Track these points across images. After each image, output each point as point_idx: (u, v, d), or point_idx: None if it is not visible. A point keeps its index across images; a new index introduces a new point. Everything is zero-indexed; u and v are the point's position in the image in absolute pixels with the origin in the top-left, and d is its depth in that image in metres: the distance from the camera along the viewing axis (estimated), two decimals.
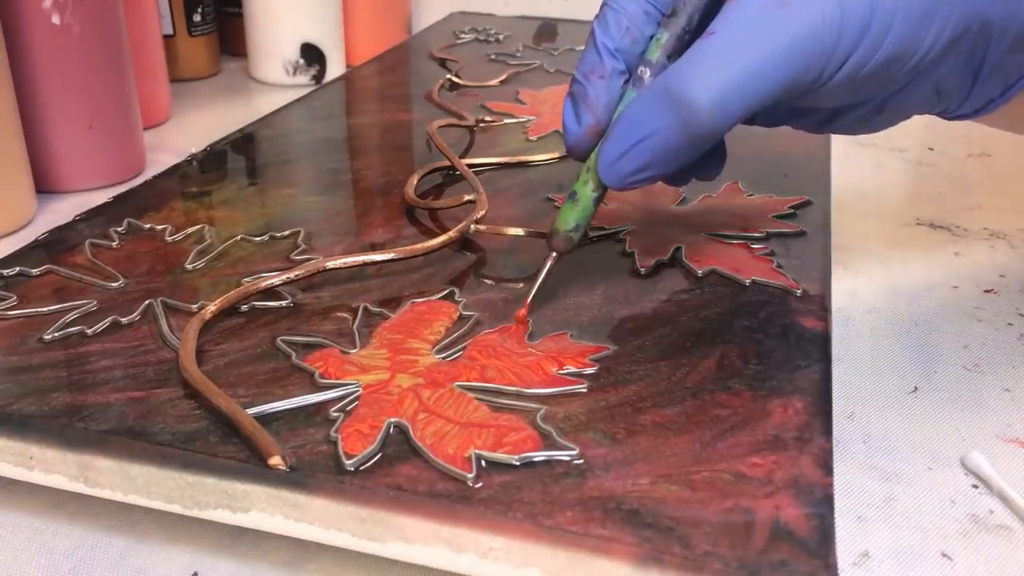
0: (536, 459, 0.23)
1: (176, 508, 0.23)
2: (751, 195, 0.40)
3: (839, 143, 0.51)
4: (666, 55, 0.27)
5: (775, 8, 0.24)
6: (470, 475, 0.23)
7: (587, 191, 0.29)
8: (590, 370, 0.27)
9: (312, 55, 0.65)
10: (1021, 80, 0.28)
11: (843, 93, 0.26)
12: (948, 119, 0.30)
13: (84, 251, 0.35)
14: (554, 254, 0.30)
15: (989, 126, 0.32)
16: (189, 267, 0.34)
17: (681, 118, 0.25)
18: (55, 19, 0.43)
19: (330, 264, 0.33)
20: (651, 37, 0.28)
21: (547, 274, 0.30)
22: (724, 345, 0.29)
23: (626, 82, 0.28)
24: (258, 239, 0.36)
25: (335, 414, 0.25)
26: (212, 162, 0.45)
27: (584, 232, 0.30)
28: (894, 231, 0.43)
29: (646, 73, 0.28)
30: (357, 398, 0.26)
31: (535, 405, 0.26)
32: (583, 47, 0.29)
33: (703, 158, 0.29)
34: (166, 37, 0.63)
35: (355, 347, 0.29)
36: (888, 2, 0.24)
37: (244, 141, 0.48)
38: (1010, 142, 0.53)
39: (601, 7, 0.29)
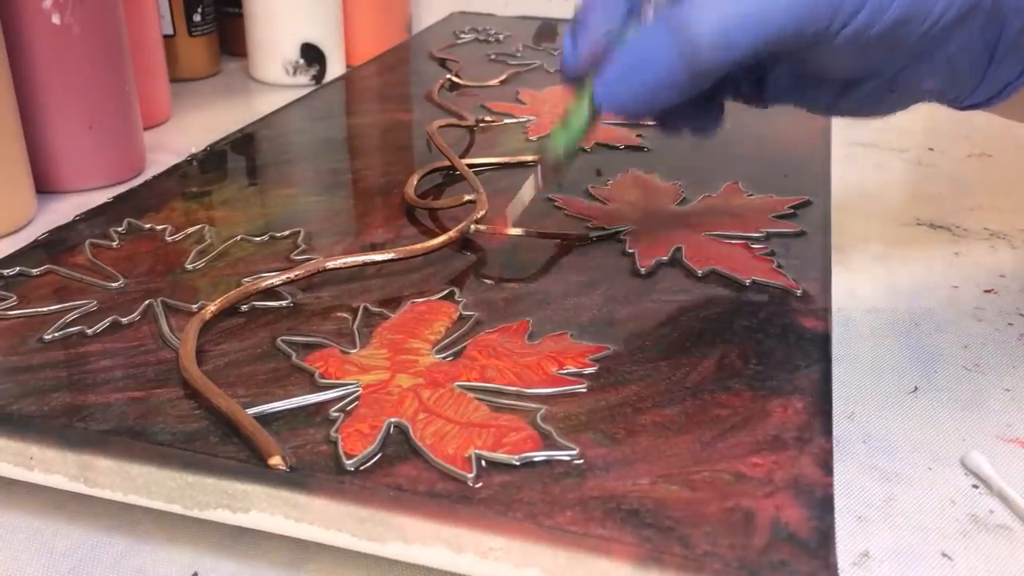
0: (536, 459, 0.23)
1: (176, 508, 0.23)
2: (751, 195, 0.40)
3: (839, 143, 0.51)
4: None
5: None
6: (470, 475, 0.23)
7: (580, 113, 0.29)
8: (590, 370, 0.27)
9: (312, 55, 0.65)
10: None
11: (851, 55, 0.26)
12: (962, 108, 0.30)
13: (84, 251, 0.35)
14: (538, 168, 0.30)
15: (1005, 117, 0.32)
16: (189, 267, 0.34)
17: (681, 50, 0.25)
18: (55, 19, 0.43)
19: (330, 264, 0.33)
20: None
21: (534, 188, 0.31)
22: (724, 345, 0.29)
23: (630, 14, 0.28)
24: (258, 239, 0.36)
25: (335, 414, 0.25)
26: (212, 162, 0.45)
27: (573, 154, 0.30)
28: (894, 231, 0.43)
29: (649, 7, 0.27)
30: (357, 398, 0.26)
31: (535, 405, 0.26)
32: None
33: (700, 108, 0.30)
34: (166, 37, 0.63)
35: (355, 347, 0.29)
36: None
37: (244, 141, 0.48)
38: (1011, 142, 0.53)
39: None
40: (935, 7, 0.25)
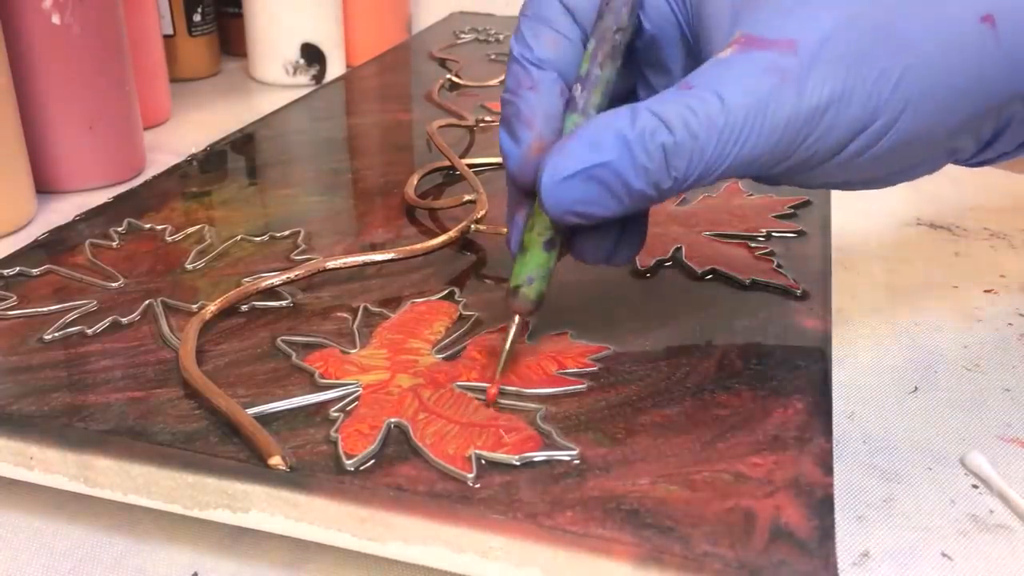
0: (536, 459, 0.23)
1: (176, 508, 0.23)
2: (751, 195, 0.40)
3: None
4: (598, 64, 0.24)
5: (771, 74, 0.21)
6: (470, 475, 0.23)
7: (534, 236, 0.25)
8: (590, 370, 0.27)
9: (312, 55, 0.65)
10: None
11: (839, 175, 0.24)
12: (974, 165, 0.27)
13: (84, 251, 0.35)
14: (516, 317, 0.26)
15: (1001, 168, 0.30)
16: (189, 267, 0.34)
17: (648, 161, 0.22)
18: (55, 19, 0.43)
19: (330, 264, 0.33)
20: (578, 40, 0.25)
21: (512, 342, 0.26)
22: (724, 345, 0.29)
23: (563, 101, 0.25)
24: (258, 239, 0.36)
25: (335, 414, 0.25)
26: (212, 162, 0.45)
27: (545, 284, 0.26)
28: (894, 231, 0.43)
29: (578, 90, 0.25)
30: (357, 398, 0.26)
31: (535, 405, 0.26)
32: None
33: (628, 225, 0.26)
34: (166, 37, 0.63)
35: (355, 347, 0.29)
36: (905, 88, 0.22)
37: (244, 141, 0.48)
38: None
39: (518, 19, 0.26)
40: (947, 122, 0.22)
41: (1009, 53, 0.22)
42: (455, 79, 0.59)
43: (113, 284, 0.33)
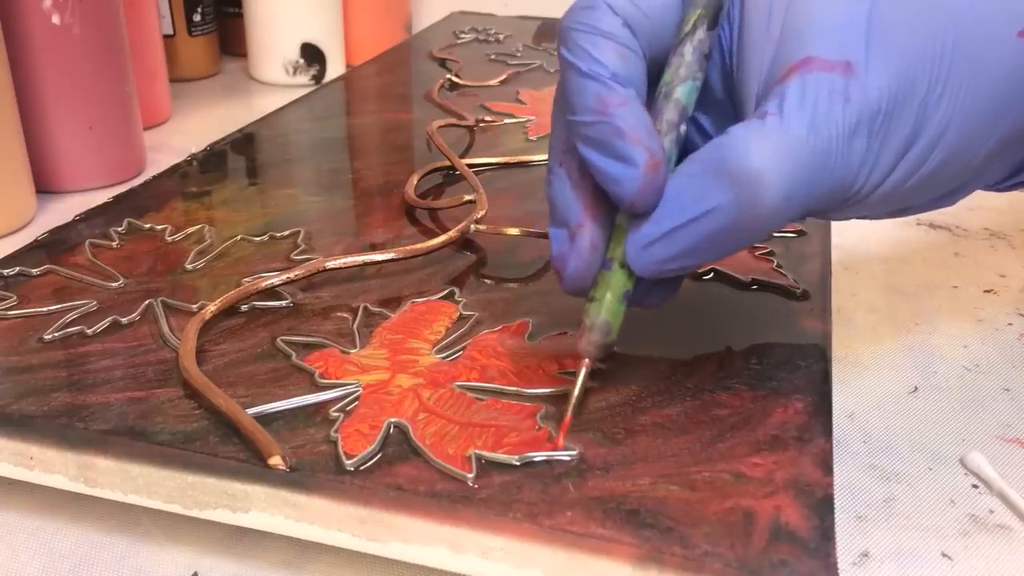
0: (536, 459, 0.23)
1: (176, 508, 0.23)
2: None
3: None
4: (695, 67, 0.23)
5: (840, 97, 0.21)
6: (470, 475, 0.23)
7: (614, 279, 0.24)
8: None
9: (312, 55, 0.65)
10: None
11: (888, 202, 0.23)
12: (1008, 189, 0.27)
13: (84, 251, 0.35)
14: (586, 361, 0.25)
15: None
16: (189, 267, 0.34)
17: (741, 195, 0.21)
18: (55, 19, 0.43)
19: (330, 264, 0.33)
20: (643, 55, 0.23)
21: (581, 388, 0.25)
22: (724, 345, 0.29)
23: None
24: (258, 239, 0.36)
25: (335, 414, 0.25)
26: (212, 162, 0.45)
27: (616, 330, 0.24)
28: (894, 231, 0.43)
29: (668, 107, 0.23)
30: (357, 398, 0.26)
31: (535, 405, 0.26)
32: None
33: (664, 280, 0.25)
34: (166, 37, 0.63)
35: (355, 347, 0.29)
36: (947, 105, 0.22)
37: (244, 141, 0.48)
38: None
39: (563, 34, 0.24)
40: (988, 140, 0.22)
41: None
42: (455, 79, 0.59)
43: (113, 284, 0.33)
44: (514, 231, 0.36)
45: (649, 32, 0.24)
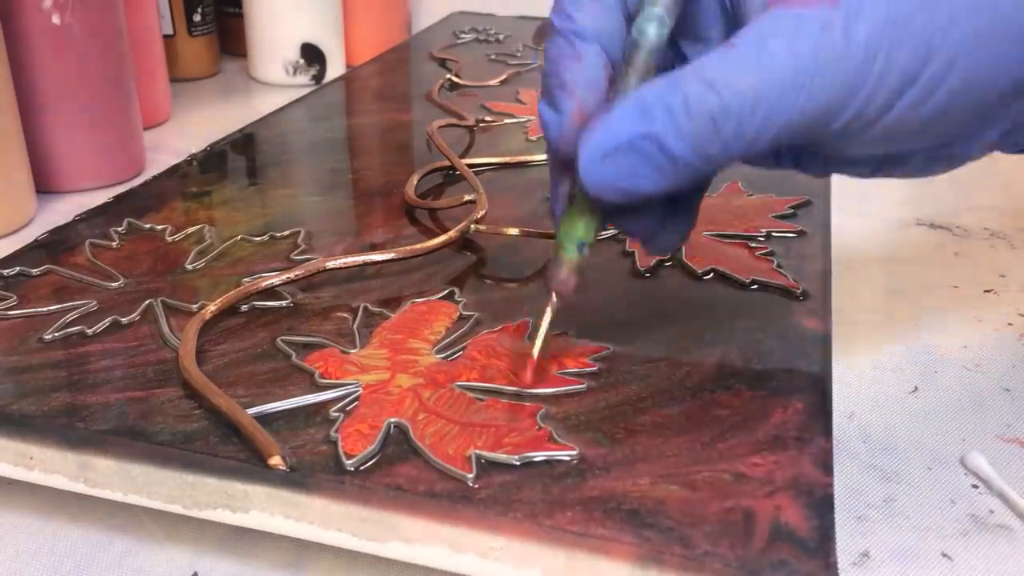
0: (536, 459, 0.23)
1: (176, 508, 0.23)
2: (751, 195, 0.40)
3: None
4: (643, 32, 0.23)
5: (813, 29, 0.20)
6: (470, 475, 0.23)
7: (574, 213, 0.25)
8: (590, 370, 0.27)
9: (312, 55, 0.65)
10: None
11: (896, 138, 0.22)
12: (1012, 152, 0.25)
13: (84, 251, 0.35)
14: (553, 295, 0.25)
15: None
16: (189, 267, 0.34)
17: (697, 125, 0.21)
18: (55, 19, 0.43)
19: (330, 264, 0.33)
20: (618, 9, 0.24)
21: (547, 326, 0.26)
22: (724, 345, 0.29)
23: (607, 73, 0.24)
24: (258, 239, 0.36)
25: (335, 414, 0.25)
26: (212, 162, 0.45)
27: (582, 253, 0.25)
28: (894, 231, 0.43)
29: (623, 65, 0.23)
30: (357, 398, 0.26)
31: (535, 405, 0.26)
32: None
33: (676, 207, 0.26)
34: (166, 37, 0.63)
35: (355, 347, 0.29)
36: (952, 35, 0.21)
37: (244, 141, 0.48)
38: None
39: None
40: (1002, 79, 0.21)
41: None
42: (455, 79, 0.59)
43: (113, 284, 0.33)
44: (514, 231, 0.36)
45: None
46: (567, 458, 0.23)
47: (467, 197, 0.39)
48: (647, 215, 0.25)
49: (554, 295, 0.25)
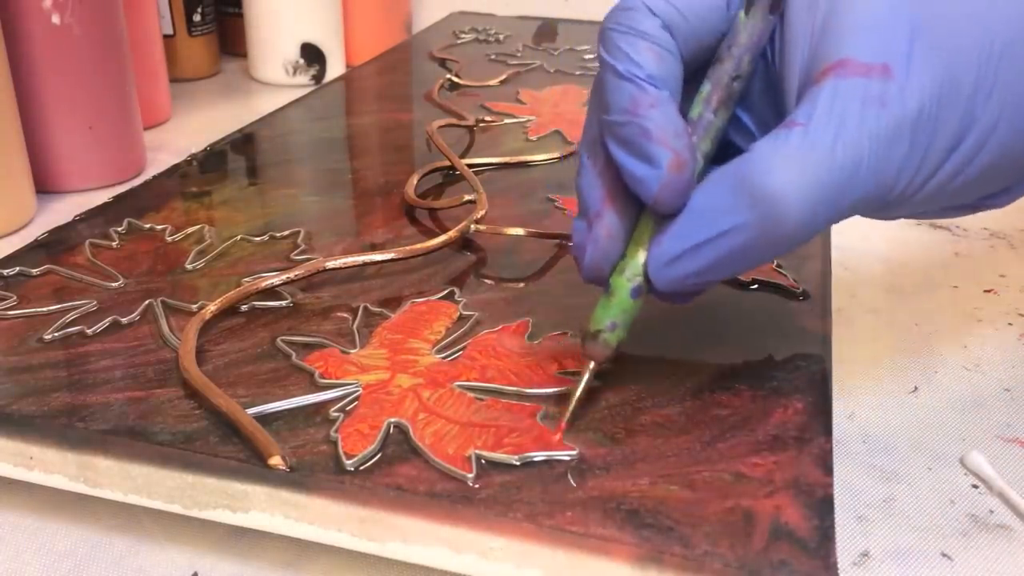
0: (536, 459, 0.23)
1: (176, 508, 0.23)
2: None
3: None
4: (711, 109, 0.23)
5: (875, 104, 0.21)
6: (470, 475, 0.23)
7: (623, 281, 0.24)
8: None
9: (312, 55, 0.65)
10: None
11: (933, 202, 0.23)
12: None
13: (84, 251, 0.35)
14: (591, 363, 0.25)
15: None
16: (189, 267, 0.34)
17: (762, 215, 0.21)
18: (55, 19, 0.43)
19: (330, 264, 0.33)
20: (679, 56, 0.24)
21: (584, 388, 0.25)
22: (724, 345, 0.29)
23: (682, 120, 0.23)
24: (258, 239, 0.36)
25: (335, 414, 0.25)
26: (212, 162, 0.45)
27: (627, 332, 0.24)
28: (894, 231, 0.43)
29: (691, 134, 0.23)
30: (357, 398, 0.26)
31: (535, 405, 0.26)
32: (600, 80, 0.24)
33: None
34: (166, 37, 0.63)
35: (355, 347, 0.29)
36: (994, 101, 0.21)
37: (244, 141, 0.48)
38: None
39: (603, 35, 0.24)
40: None
41: None
42: (455, 79, 0.59)
43: (113, 284, 0.33)
44: (514, 231, 0.36)
45: (687, 33, 0.24)
46: (567, 458, 0.23)
47: (467, 197, 0.39)
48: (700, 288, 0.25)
49: (592, 363, 0.25)
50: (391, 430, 0.25)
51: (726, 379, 0.27)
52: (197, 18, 0.65)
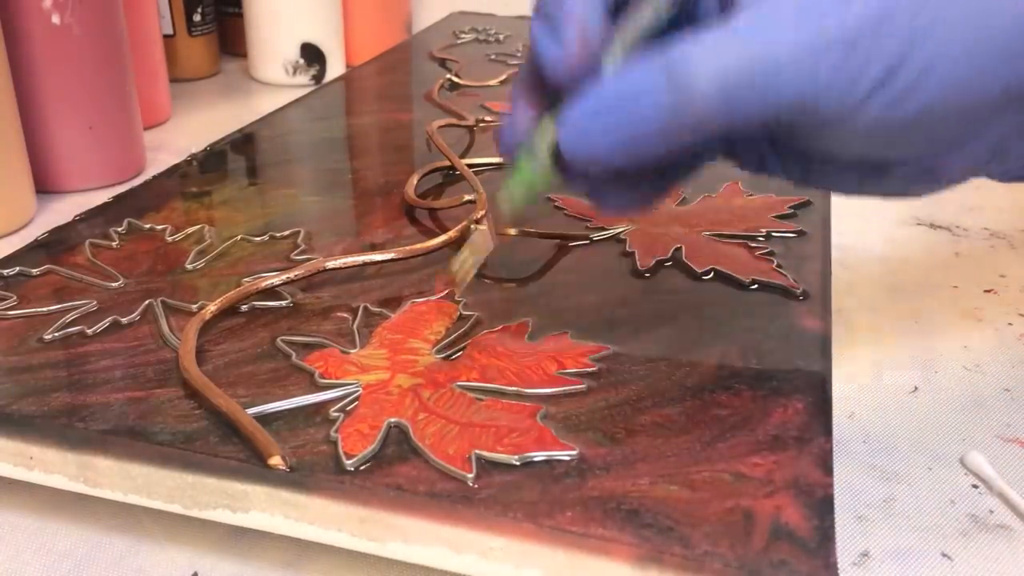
0: (536, 459, 0.23)
1: (176, 508, 0.23)
2: (751, 195, 0.40)
3: None
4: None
5: (813, 11, 0.20)
6: (470, 475, 0.23)
7: (532, 153, 0.23)
8: (590, 370, 0.27)
9: (312, 55, 0.65)
10: None
11: (877, 139, 0.22)
12: (1009, 182, 0.25)
13: (84, 251, 0.35)
14: (488, 219, 0.24)
15: None
16: (189, 267, 0.34)
17: (674, 94, 0.21)
18: (55, 19, 0.43)
19: (330, 264, 0.33)
20: None
21: (485, 245, 0.25)
22: (724, 345, 0.29)
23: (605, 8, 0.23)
24: (258, 239, 0.36)
25: (335, 414, 0.25)
26: (212, 162, 0.45)
27: (522, 203, 0.24)
28: (894, 231, 0.43)
29: (625, 17, 0.23)
30: (357, 398, 0.26)
31: (535, 405, 0.26)
32: None
33: (650, 180, 0.25)
34: (166, 37, 0.63)
35: (355, 347, 0.29)
36: (933, 37, 0.20)
37: (244, 141, 0.48)
38: None
39: None
40: (990, 87, 0.21)
41: None
42: (455, 79, 0.59)
43: (113, 284, 0.33)
44: (514, 231, 0.36)
45: None
46: (567, 458, 0.23)
47: (467, 197, 0.39)
48: (627, 184, 0.25)
49: (491, 231, 0.24)
50: (391, 430, 0.25)
51: (726, 379, 0.27)
52: (197, 18, 0.65)
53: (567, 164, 0.23)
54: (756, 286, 0.33)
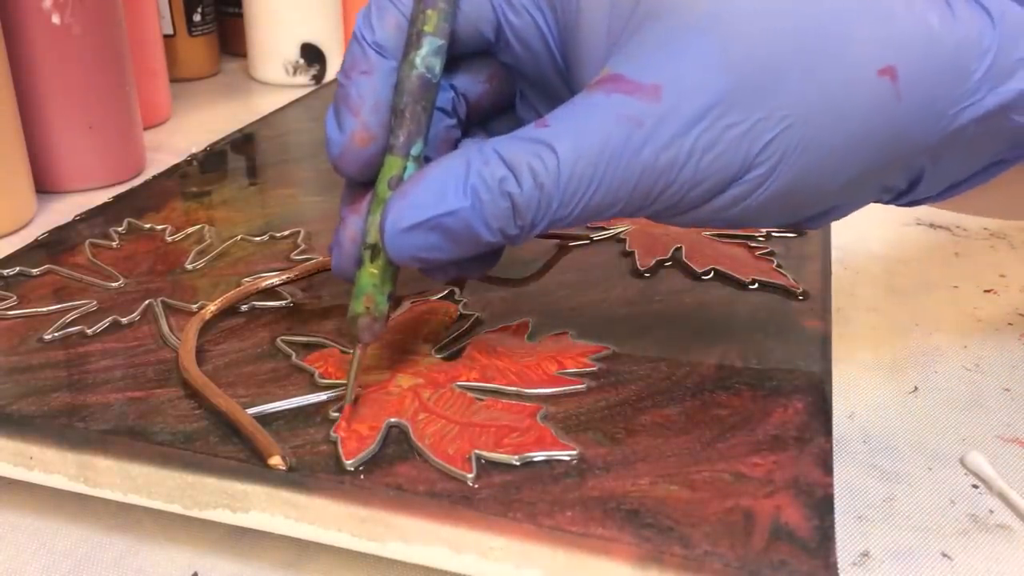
0: (536, 459, 0.23)
1: (176, 508, 0.23)
2: None
3: None
4: (413, 100, 0.23)
5: (626, 128, 0.20)
6: (470, 475, 0.23)
7: (366, 269, 0.24)
8: (590, 370, 0.27)
9: (312, 55, 0.65)
10: (997, 163, 0.24)
11: (719, 218, 0.22)
12: (902, 206, 0.25)
13: (84, 251, 0.35)
14: (359, 346, 0.25)
15: (966, 213, 0.28)
16: (189, 267, 0.34)
17: (472, 206, 0.21)
18: (55, 19, 0.43)
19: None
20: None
21: (356, 370, 0.25)
22: (724, 345, 0.29)
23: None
24: (258, 239, 0.36)
25: (335, 414, 0.25)
26: (212, 162, 0.45)
27: (389, 302, 0.25)
28: (894, 231, 0.43)
29: (395, 129, 0.23)
30: (357, 398, 0.26)
31: (535, 405, 0.26)
32: None
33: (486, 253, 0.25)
34: (166, 37, 0.63)
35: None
36: (781, 142, 0.21)
37: (244, 141, 0.48)
38: None
39: None
40: (836, 176, 0.21)
41: (911, 107, 0.21)
42: None
43: (113, 284, 0.33)
44: None
45: (459, 16, 0.23)
46: (567, 458, 0.23)
47: None
48: (448, 266, 0.25)
49: (360, 346, 0.25)
50: (391, 430, 0.25)
51: (726, 379, 0.27)
52: (197, 18, 0.65)
53: (393, 259, 0.23)
54: (756, 286, 0.33)
